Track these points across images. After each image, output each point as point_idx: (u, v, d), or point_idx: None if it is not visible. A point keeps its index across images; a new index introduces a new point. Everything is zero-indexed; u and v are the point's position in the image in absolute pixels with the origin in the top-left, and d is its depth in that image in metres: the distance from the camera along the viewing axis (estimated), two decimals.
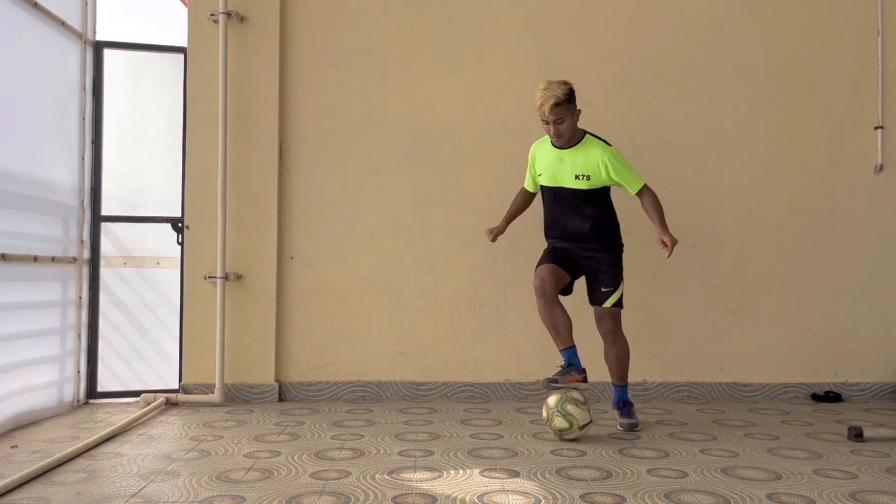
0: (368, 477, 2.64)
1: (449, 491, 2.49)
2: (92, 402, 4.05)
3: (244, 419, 3.63)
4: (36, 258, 3.57)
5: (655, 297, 4.22)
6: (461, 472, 2.72)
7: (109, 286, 4.14)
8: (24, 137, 3.53)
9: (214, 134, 4.03)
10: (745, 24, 4.31)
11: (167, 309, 4.22)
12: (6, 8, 3.38)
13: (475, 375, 4.20)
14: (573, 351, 3.39)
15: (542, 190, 3.55)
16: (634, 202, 3.51)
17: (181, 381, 4.06)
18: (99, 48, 4.11)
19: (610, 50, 4.26)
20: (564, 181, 3.41)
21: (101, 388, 4.09)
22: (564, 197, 3.44)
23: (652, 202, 3.40)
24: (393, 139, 4.21)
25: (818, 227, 4.30)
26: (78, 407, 3.94)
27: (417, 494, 2.45)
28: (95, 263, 4.08)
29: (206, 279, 4.03)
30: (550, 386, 3.30)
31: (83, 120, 4.03)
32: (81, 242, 4.01)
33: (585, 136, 3.42)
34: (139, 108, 4.30)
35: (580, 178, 3.37)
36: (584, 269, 3.51)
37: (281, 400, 4.11)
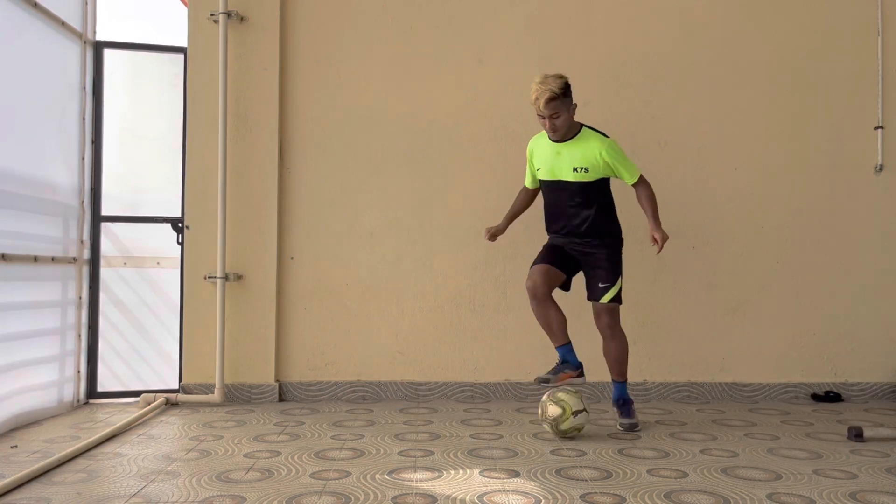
0: (368, 477, 2.64)
1: (449, 491, 2.49)
2: (92, 402, 4.05)
3: (244, 419, 3.63)
4: (36, 258, 3.57)
5: (655, 297, 4.23)
6: (461, 472, 2.72)
7: (109, 286, 4.14)
8: (24, 137, 3.53)
9: (214, 134, 4.03)
10: (745, 24, 4.31)
11: (167, 309, 4.22)
12: (6, 8, 3.38)
13: (475, 375, 4.20)
14: (568, 348, 3.45)
15: (541, 184, 3.56)
16: (636, 202, 3.51)
17: (181, 381, 4.06)
18: (99, 48, 4.12)
19: (610, 50, 4.26)
20: (563, 174, 3.41)
21: (101, 388, 4.09)
22: (563, 190, 3.44)
23: (647, 194, 3.43)
24: (393, 139, 4.21)
25: (818, 227, 4.30)
26: (78, 407, 3.94)
27: (417, 494, 2.45)
28: (95, 263, 4.08)
29: (206, 279, 4.03)
30: (542, 385, 3.37)
31: (83, 120, 4.03)
32: (81, 242, 4.01)
33: (582, 128, 3.42)
34: (139, 108, 4.30)
35: (578, 170, 3.38)
36: (581, 264, 3.52)
37: (281, 400, 4.11)
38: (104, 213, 4.12)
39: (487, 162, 4.21)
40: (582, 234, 3.45)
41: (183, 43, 4.15)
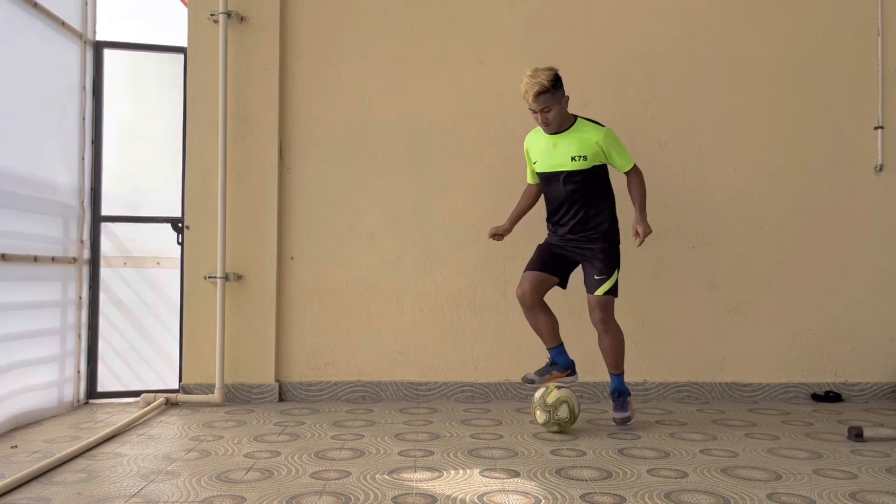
0: (368, 477, 2.64)
1: (449, 491, 2.49)
2: (92, 402, 4.05)
3: (244, 419, 3.63)
4: (36, 258, 3.57)
5: (655, 297, 4.23)
6: (461, 472, 2.72)
7: (109, 286, 4.14)
8: (24, 137, 3.53)
9: (214, 134, 4.03)
10: (745, 24, 4.31)
11: (167, 309, 4.22)
12: (6, 8, 3.38)
13: (475, 375, 4.20)
14: (558, 350, 3.55)
15: (539, 178, 3.56)
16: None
17: (181, 381, 4.06)
18: (99, 48, 4.12)
19: (610, 50, 4.26)
20: (561, 165, 3.42)
21: (101, 388, 4.09)
22: (563, 181, 3.44)
23: (638, 184, 3.45)
24: (393, 139, 4.21)
25: (818, 227, 4.30)
26: (78, 407, 3.94)
27: (417, 494, 2.45)
28: (95, 263, 4.08)
29: (206, 279, 4.03)
30: (528, 384, 3.54)
31: (83, 120, 4.03)
32: (81, 242, 4.01)
33: (577, 119, 3.44)
34: (139, 108, 4.30)
35: (577, 159, 3.39)
36: (578, 259, 3.52)
37: (281, 400, 4.11)
38: (104, 213, 4.12)
39: (487, 162, 4.21)
40: (580, 224, 3.45)
41: (183, 43, 4.15)
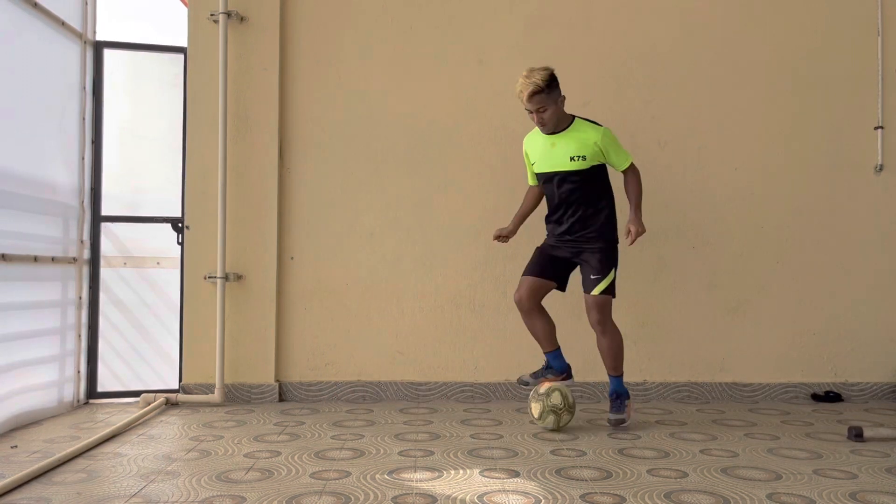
0: (368, 477, 2.64)
1: (449, 491, 2.49)
2: (92, 402, 4.05)
3: (244, 419, 3.63)
4: (36, 258, 3.57)
5: (655, 297, 4.23)
6: (461, 472, 2.72)
7: (109, 286, 4.14)
8: (24, 137, 3.53)
9: (214, 134, 4.03)
10: (745, 24, 4.31)
11: (167, 309, 4.22)
12: (6, 8, 3.38)
13: (475, 375, 4.20)
14: (555, 354, 3.59)
15: (538, 179, 3.57)
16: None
17: (181, 381, 4.06)
18: (99, 48, 4.11)
19: (610, 50, 4.26)
20: (560, 165, 3.42)
21: (101, 388, 4.09)
22: (561, 180, 3.44)
23: (634, 182, 3.46)
24: (393, 139, 4.21)
25: (818, 227, 4.30)
26: (78, 407, 3.94)
27: (417, 494, 2.45)
28: (95, 263, 4.08)
29: (206, 279, 4.03)
30: (523, 386, 3.63)
31: (83, 120, 4.03)
32: (81, 242, 4.01)
33: (575, 119, 3.44)
34: (139, 108, 4.30)
35: (576, 158, 3.39)
36: (575, 260, 3.52)
37: (281, 400, 4.11)
38: (104, 213, 4.11)
39: (487, 162, 4.21)
40: (578, 223, 3.45)
41: (183, 43, 4.15)
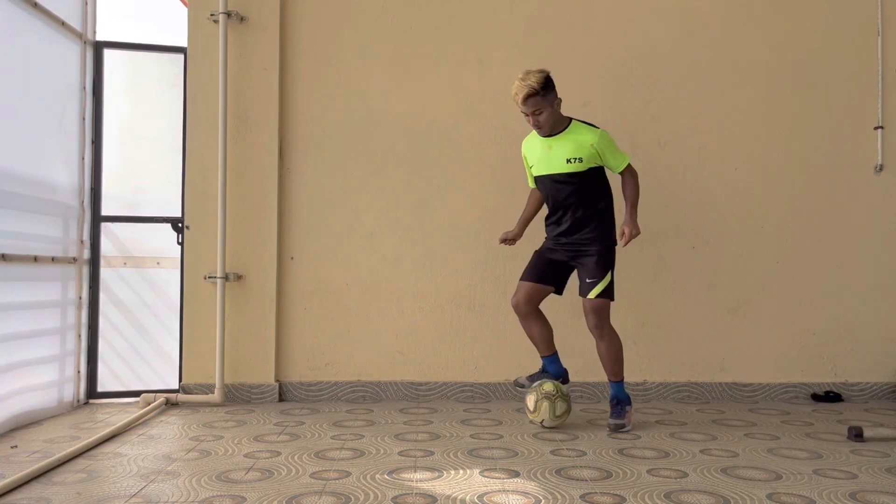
0: (368, 477, 2.64)
1: (449, 491, 2.49)
2: (92, 402, 4.05)
3: (244, 419, 3.63)
4: (36, 258, 3.57)
5: (655, 297, 4.23)
6: (461, 472, 2.72)
7: (109, 286, 4.14)
8: (24, 137, 3.53)
9: (214, 134, 4.03)
10: (745, 23, 4.31)
11: (167, 309, 4.22)
12: (6, 8, 3.38)
13: (475, 375, 4.20)
14: (551, 359, 3.62)
15: (536, 182, 3.57)
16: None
17: (181, 381, 4.06)
18: (99, 48, 4.11)
19: (610, 50, 4.26)
20: (557, 167, 3.42)
21: (101, 388, 4.09)
22: (559, 183, 3.44)
23: (631, 184, 3.43)
24: (393, 139, 4.21)
25: (818, 227, 4.30)
26: (78, 407, 3.94)
27: (417, 494, 2.45)
28: (95, 263, 4.08)
29: (206, 279, 4.03)
30: (518, 389, 3.69)
31: (83, 120, 4.03)
32: (81, 242, 4.01)
33: (572, 122, 3.44)
34: (139, 108, 4.30)
35: (572, 161, 3.38)
36: (572, 263, 3.52)
37: (281, 400, 4.11)
38: (104, 213, 4.11)
39: (487, 162, 4.21)
40: (575, 226, 3.44)
41: (183, 43, 4.15)
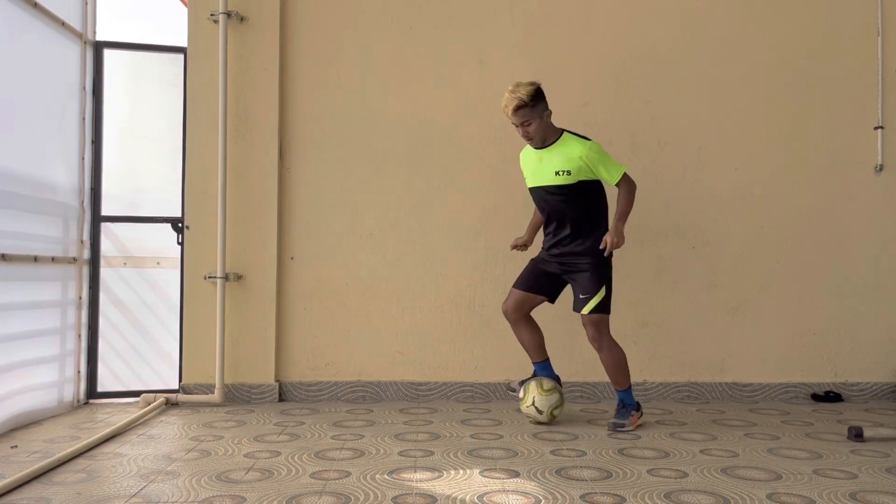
0: (368, 477, 2.64)
1: (449, 491, 2.49)
2: (92, 402, 4.05)
3: (244, 419, 3.63)
4: (36, 258, 3.57)
5: (655, 297, 4.23)
6: (461, 472, 2.72)
7: (109, 286, 4.14)
8: (24, 137, 3.53)
9: (214, 134, 4.03)
10: (745, 24, 4.31)
11: (167, 309, 4.22)
12: (6, 8, 3.38)
13: (475, 375, 4.20)
14: (543, 365, 3.64)
15: (531, 193, 3.56)
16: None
17: (181, 381, 4.06)
18: (99, 48, 4.11)
19: (610, 50, 4.26)
20: (546, 180, 3.41)
21: (101, 388, 4.09)
22: (549, 195, 3.43)
23: (625, 195, 3.38)
24: (393, 139, 4.21)
25: (818, 227, 4.30)
26: (78, 407, 3.94)
27: (417, 494, 2.45)
28: (95, 263, 4.08)
29: (206, 279, 4.03)
30: (510, 392, 3.73)
31: (83, 120, 4.03)
32: (81, 242, 4.01)
33: (563, 134, 3.42)
34: (139, 108, 4.30)
35: (561, 173, 3.36)
36: (565, 277, 3.51)
37: (281, 400, 4.11)
38: (104, 213, 4.11)
39: (487, 162, 4.21)
40: (567, 239, 3.43)
41: (183, 43, 4.15)
